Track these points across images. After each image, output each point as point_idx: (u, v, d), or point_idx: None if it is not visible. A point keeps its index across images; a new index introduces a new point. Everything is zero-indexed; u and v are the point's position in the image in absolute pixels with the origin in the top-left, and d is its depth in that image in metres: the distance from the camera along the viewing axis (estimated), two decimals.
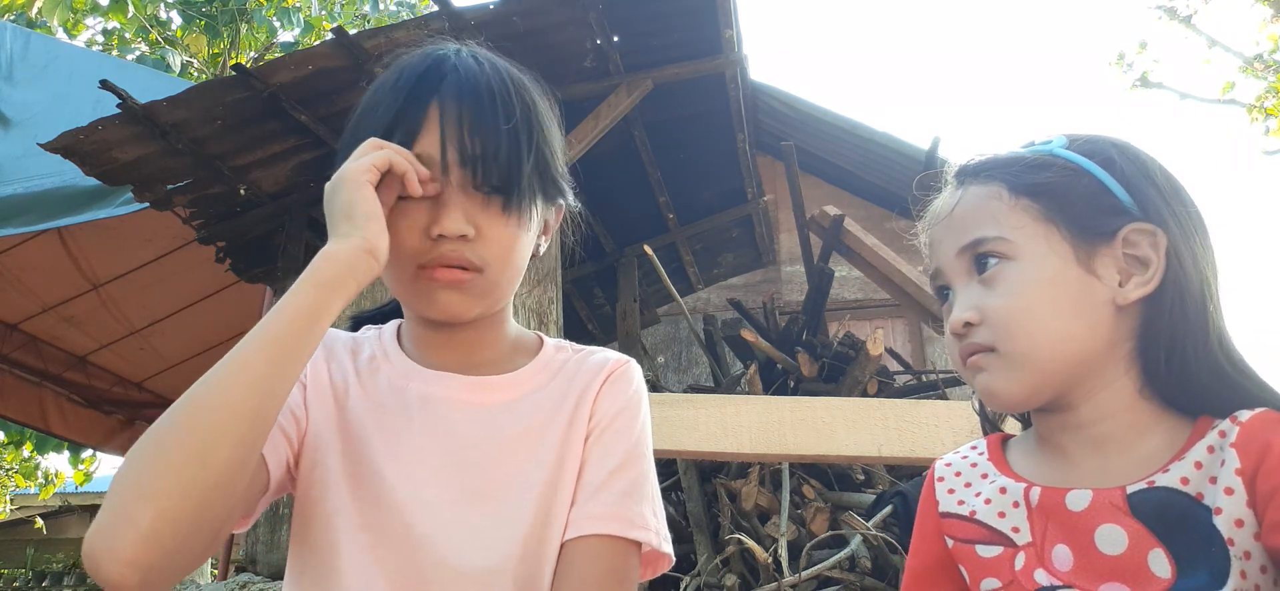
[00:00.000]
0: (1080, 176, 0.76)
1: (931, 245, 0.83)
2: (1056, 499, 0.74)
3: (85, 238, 4.14)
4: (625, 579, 0.79)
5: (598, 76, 3.32)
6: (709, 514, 2.97)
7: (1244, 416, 0.69)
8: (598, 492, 0.81)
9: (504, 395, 0.85)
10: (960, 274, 0.78)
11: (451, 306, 0.80)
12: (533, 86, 0.86)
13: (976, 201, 0.78)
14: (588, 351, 0.92)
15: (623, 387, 0.88)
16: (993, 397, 0.76)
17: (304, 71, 2.94)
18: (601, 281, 5.06)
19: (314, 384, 0.84)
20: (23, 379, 4.87)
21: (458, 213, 0.77)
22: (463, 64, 0.82)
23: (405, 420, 0.82)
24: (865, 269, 3.54)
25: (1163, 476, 0.69)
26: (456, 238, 0.77)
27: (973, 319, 0.75)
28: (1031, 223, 0.75)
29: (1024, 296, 0.73)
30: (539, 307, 3.02)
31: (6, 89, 3.86)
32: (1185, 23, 10.47)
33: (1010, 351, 0.73)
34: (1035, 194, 0.75)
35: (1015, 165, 0.78)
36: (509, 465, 0.81)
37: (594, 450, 0.84)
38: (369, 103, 0.83)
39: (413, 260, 0.79)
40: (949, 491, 0.85)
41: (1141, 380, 0.74)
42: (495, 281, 0.81)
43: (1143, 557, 0.68)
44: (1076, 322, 0.73)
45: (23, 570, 10.65)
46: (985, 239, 0.76)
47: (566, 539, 0.80)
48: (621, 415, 0.86)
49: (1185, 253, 0.73)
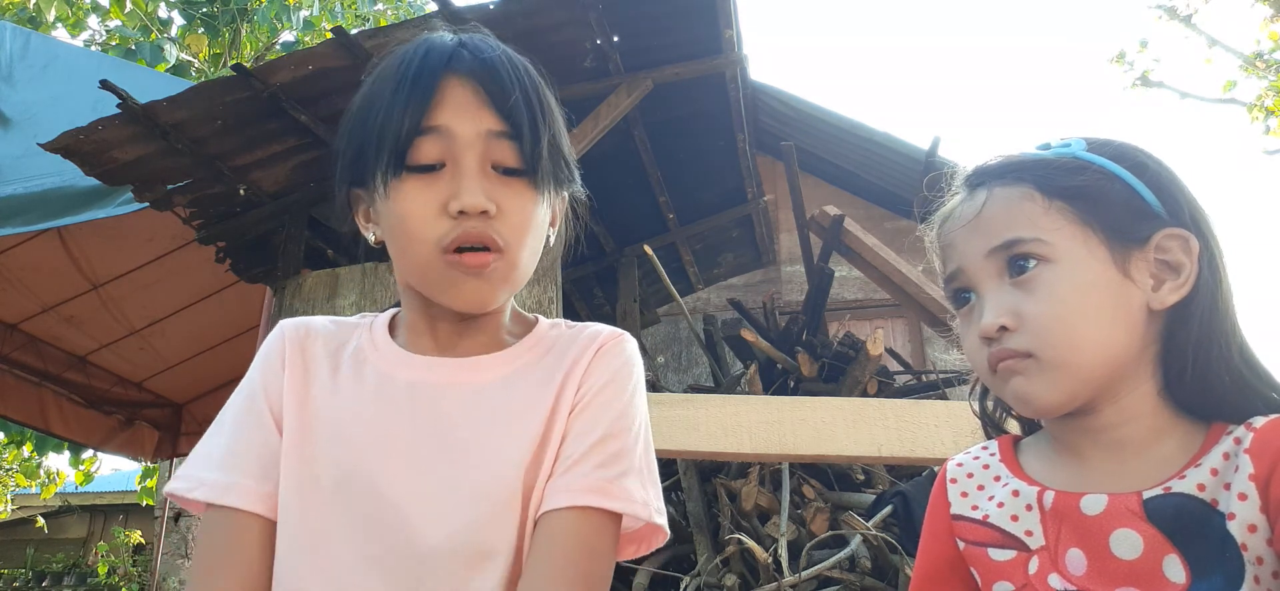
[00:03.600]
0: (1112, 180, 0.75)
1: (949, 247, 0.81)
2: (1071, 503, 0.73)
3: (85, 238, 4.14)
4: (598, 552, 0.77)
5: (598, 76, 3.32)
6: (709, 514, 2.97)
7: (1258, 423, 0.69)
8: (575, 465, 0.79)
9: (495, 373, 0.83)
10: (990, 277, 0.76)
11: (478, 295, 0.78)
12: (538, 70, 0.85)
13: (1008, 203, 0.76)
14: (582, 326, 0.90)
15: (611, 359, 0.85)
16: (1028, 404, 0.74)
17: (304, 71, 2.94)
18: (601, 281, 5.06)
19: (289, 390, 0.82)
20: (23, 379, 4.86)
21: (478, 188, 0.75)
22: (470, 42, 0.81)
23: (392, 409, 0.80)
24: (865, 269, 3.54)
25: (1179, 482, 0.69)
26: (478, 214, 0.75)
27: (1009, 323, 0.73)
28: (1067, 226, 0.73)
29: (1065, 301, 0.72)
30: (539, 307, 3.02)
31: (6, 89, 3.86)
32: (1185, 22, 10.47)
33: (1051, 357, 0.72)
34: (1070, 197, 0.74)
35: (1045, 167, 0.76)
36: (497, 441, 0.79)
37: (577, 423, 0.81)
38: (370, 92, 0.81)
39: (434, 243, 0.76)
40: (961, 494, 0.84)
41: (1161, 385, 0.74)
42: (515, 263, 0.79)
43: (1157, 563, 0.68)
44: (1115, 328, 0.72)
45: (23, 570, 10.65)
46: (1022, 240, 0.74)
47: (540, 512, 0.77)
48: (608, 387, 0.83)
49: (1214, 258, 0.73)
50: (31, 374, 4.88)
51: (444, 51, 0.79)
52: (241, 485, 0.78)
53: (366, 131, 0.79)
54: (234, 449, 0.80)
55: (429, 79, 0.77)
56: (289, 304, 3.32)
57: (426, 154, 0.76)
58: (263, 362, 0.86)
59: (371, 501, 0.77)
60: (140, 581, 9.65)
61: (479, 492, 0.77)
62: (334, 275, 3.34)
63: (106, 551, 10.24)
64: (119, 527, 10.55)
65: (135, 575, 9.96)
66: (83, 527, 11.75)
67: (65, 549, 11.34)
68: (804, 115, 6.04)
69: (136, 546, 10.40)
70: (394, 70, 0.79)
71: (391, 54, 0.83)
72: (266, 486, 0.79)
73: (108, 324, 4.79)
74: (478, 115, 0.77)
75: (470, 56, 0.78)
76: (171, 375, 5.50)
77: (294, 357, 0.85)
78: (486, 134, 0.76)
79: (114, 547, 10.25)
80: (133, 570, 10.09)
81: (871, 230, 3.64)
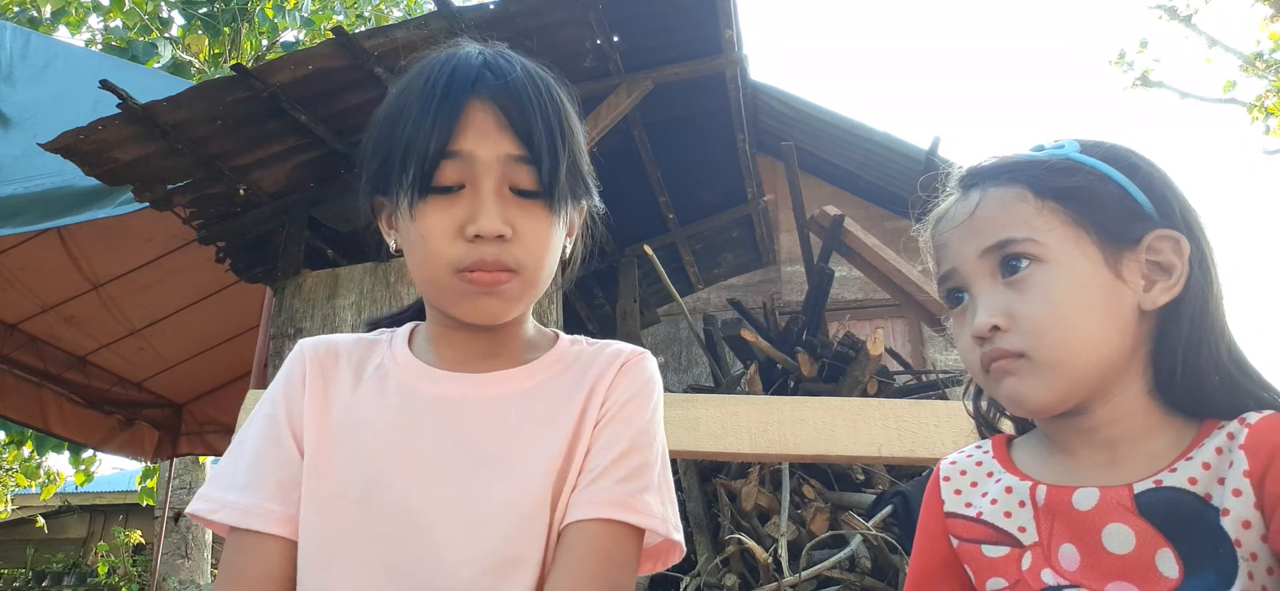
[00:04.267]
0: (1104, 182, 0.76)
1: (943, 247, 0.81)
2: (1063, 498, 0.74)
3: (85, 238, 4.14)
4: (623, 564, 0.78)
5: (598, 76, 3.33)
6: (709, 514, 2.97)
7: (1252, 418, 0.69)
8: (600, 477, 0.80)
9: (518, 386, 0.85)
10: (982, 277, 0.77)
11: (490, 310, 0.80)
12: (558, 84, 0.85)
13: (1000, 203, 0.77)
14: (603, 344, 0.91)
15: (635, 376, 0.87)
16: (1020, 404, 0.74)
17: (304, 71, 2.94)
18: (601, 281, 5.06)
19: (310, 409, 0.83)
20: (23, 379, 4.86)
21: (495, 213, 0.77)
22: (495, 63, 0.81)
23: (415, 422, 0.81)
24: (865, 269, 3.54)
25: (1170, 476, 0.69)
26: (494, 238, 0.77)
27: (1001, 323, 0.74)
28: (1060, 226, 0.74)
29: (1058, 301, 0.72)
30: (539, 308, 3.01)
31: (6, 89, 3.86)
32: (1185, 22, 10.47)
33: (1044, 357, 0.72)
34: (1062, 198, 0.75)
35: (1038, 168, 0.77)
36: (522, 453, 0.80)
37: (601, 436, 0.83)
38: (397, 105, 0.82)
39: (449, 264, 0.78)
40: (955, 492, 0.84)
41: (1152, 384, 0.75)
42: (532, 282, 0.81)
43: (1150, 557, 0.68)
44: (1107, 327, 0.73)
45: (23, 570, 10.64)
46: (1015, 240, 0.74)
47: (564, 523, 0.79)
48: (631, 403, 0.85)
49: (1205, 259, 0.74)
50: (31, 374, 4.88)
51: (469, 72, 0.79)
52: (264, 507, 0.79)
53: (392, 146, 0.79)
54: (256, 470, 0.81)
55: (455, 101, 0.77)
56: (289, 304, 3.32)
57: (448, 176, 0.77)
58: (284, 382, 0.87)
59: (395, 514, 0.77)
60: (140, 581, 9.65)
61: (505, 504, 0.78)
62: (334, 275, 3.34)
63: (106, 551, 10.24)
64: (119, 527, 10.55)
65: (135, 575, 9.96)
66: (83, 527, 11.74)
67: (65, 549, 11.33)
68: (804, 115, 6.05)
69: (136, 546, 10.40)
70: (421, 87, 0.80)
71: (418, 66, 0.83)
72: (288, 508, 0.80)
73: (108, 324, 4.79)
74: (498, 139, 0.77)
75: (494, 78, 0.79)
76: (171, 375, 5.50)
77: (315, 377, 0.86)
78: (505, 158, 0.77)
79: (114, 547, 10.25)
80: (133, 570, 10.09)
81: (871, 230, 3.64)
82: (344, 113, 3.18)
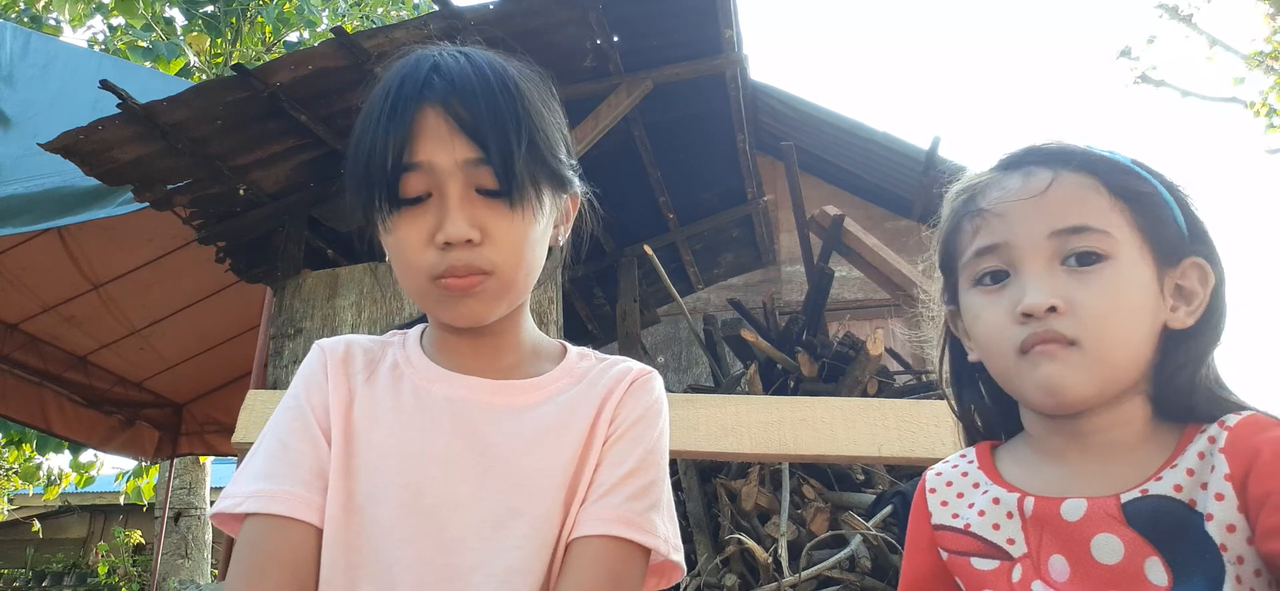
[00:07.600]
0: (1160, 197, 0.77)
1: (999, 217, 0.77)
2: (1051, 509, 0.74)
3: (85, 238, 4.14)
4: (628, 583, 0.79)
5: (598, 76, 3.32)
6: (709, 514, 2.97)
7: (1231, 420, 0.70)
8: (607, 494, 0.81)
9: (528, 398, 0.85)
10: (1041, 256, 0.74)
11: (471, 312, 0.80)
12: (522, 75, 0.83)
13: (1078, 189, 0.76)
14: (612, 360, 0.92)
15: (644, 396, 0.88)
16: (1056, 390, 0.72)
17: (304, 71, 2.93)
18: (601, 281, 5.06)
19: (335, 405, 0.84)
20: (23, 379, 4.86)
21: (460, 218, 0.76)
22: (446, 64, 0.80)
23: (432, 422, 0.82)
24: (865, 269, 3.54)
25: (1155, 484, 0.70)
26: (462, 243, 0.77)
27: (1060, 306, 0.72)
28: (1126, 227, 0.75)
29: (1119, 298, 0.72)
30: (539, 307, 3.02)
31: (6, 89, 3.86)
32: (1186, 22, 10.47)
33: (1096, 349, 0.72)
34: (1132, 201, 0.75)
35: (1112, 166, 0.77)
36: (533, 466, 0.81)
37: (610, 454, 0.84)
38: (361, 122, 0.82)
39: (425, 272, 0.78)
40: (942, 503, 0.84)
41: (1149, 395, 0.76)
42: (510, 281, 0.81)
43: (1139, 566, 0.68)
44: (1147, 336, 0.74)
45: (23, 570, 10.64)
46: (1091, 229, 0.74)
47: (572, 538, 0.79)
48: (640, 422, 0.86)
49: (1221, 293, 0.76)
50: (32, 374, 4.88)
51: (417, 81, 0.79)
52: (297, 494, 0.79)
53: (358, 165, 0.80)
54: (286, 459, 0.81)
55: (404, 112, 0.77)
56: (289, 304, 3.32)
57: (413, 188, 0.78)
58: (305, 378, 0.87)
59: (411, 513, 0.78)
60: (140, 581, 9.65)
61: (514, 511, 0.79)
62: (334, 275, 3.34)
63: (106, 551, 10.25)
64: (119, 527, 10.55)
65: (135, 575, 9.97)
66: (83, 528, 11.74)
67: (65, 549, 11.33)
68: (804, 115, 6.04)
69: (136, 546, 10.40)
70: (379, 101, 0.80)
71: (382, 78, 0.83)
72: (320, 498, 0.79)
73: (108, 324, 4.79)
74: (452, 144, 0.77)
75: (441, 82, 0.78)
76: (172, 375, 5.51)
77: (336, 373, 0.86)
78: (464, 162, 0.77)
79: (114, 547, 10.26)
80: (133, 570, 10.09)
81: (871, 230, 3.64)
82: (344, 113, 3.18)
